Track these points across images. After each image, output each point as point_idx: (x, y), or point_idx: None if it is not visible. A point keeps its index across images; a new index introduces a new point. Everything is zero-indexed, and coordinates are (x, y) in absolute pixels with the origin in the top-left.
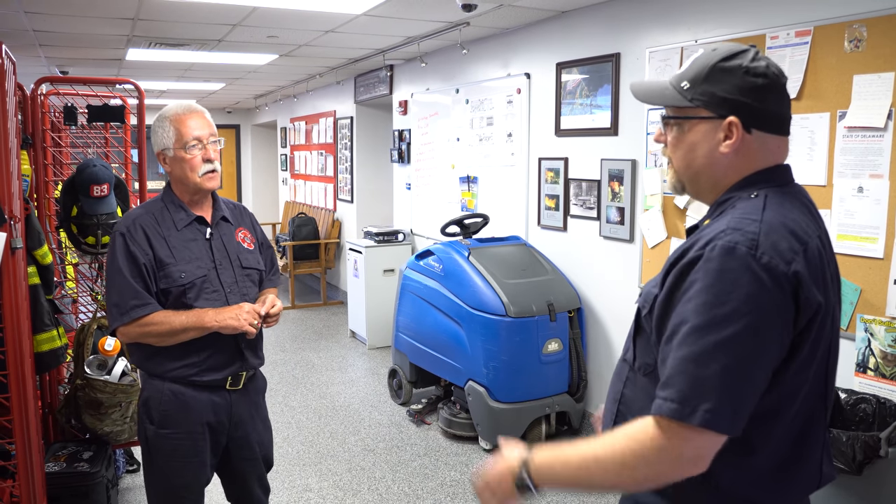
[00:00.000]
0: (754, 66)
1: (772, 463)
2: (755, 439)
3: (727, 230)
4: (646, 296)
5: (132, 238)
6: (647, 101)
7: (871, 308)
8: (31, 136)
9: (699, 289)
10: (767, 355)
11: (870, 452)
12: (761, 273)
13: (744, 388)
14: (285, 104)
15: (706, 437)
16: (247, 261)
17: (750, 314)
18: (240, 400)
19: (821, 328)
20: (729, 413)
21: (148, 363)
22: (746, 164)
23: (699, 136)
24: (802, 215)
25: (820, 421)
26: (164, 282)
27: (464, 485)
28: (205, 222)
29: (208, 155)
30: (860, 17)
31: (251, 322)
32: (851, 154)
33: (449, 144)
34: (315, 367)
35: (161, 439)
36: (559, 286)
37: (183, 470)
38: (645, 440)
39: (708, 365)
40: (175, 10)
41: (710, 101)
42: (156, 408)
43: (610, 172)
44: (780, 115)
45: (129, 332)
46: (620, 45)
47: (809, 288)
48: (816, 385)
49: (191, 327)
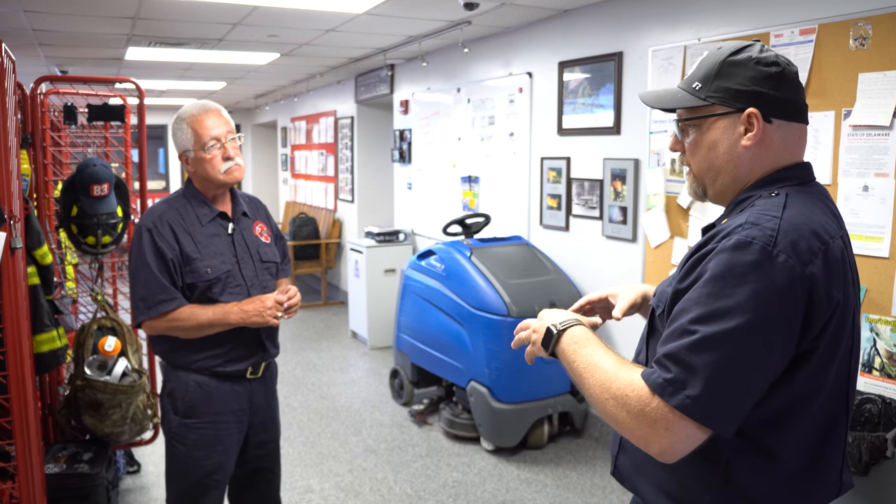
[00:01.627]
0: (763, 56)
1: (793, 469)
2: (773, 444)
3: (745, 224)
4: (660, 295)
5: (159, 234)
6: (659, 107)
7: (877, 308)
8: (31, 135)
9: (707, 279)
10: (765, 356)
11: (876, 453)
12: (774, 272)
13: (735, 384)
14: (286, 104)
15: (683, 425)
16: (266, 255)
17: (753, 311)
18: (259, 388)
19: (839, 329)
20: (711, 406)
21: (172, 355)
22: (769, 159)
23: (719, 133)
24: (825, 215)
25: (841, 425)
26: (191, 276)
27: (465, 486)
28: (227, 217)
29: (227, 153)
30: (865, 15)
31: (275, 315)
32: (856, 153)
33: (450, 144)
34: (316, 367)
35: (186, 429)
36: (561, 286)
37: (207, 459)
38: (634, 393)
39: (701, 355)
40: (175, 8)
41: (725, 97)
42: (181, 399)
43: (612, 172)
44: (797, 101)
45: (156, 325)
46: (623, 43)
47: (826, 289)
48: (837, 388)
49: (216, 323)
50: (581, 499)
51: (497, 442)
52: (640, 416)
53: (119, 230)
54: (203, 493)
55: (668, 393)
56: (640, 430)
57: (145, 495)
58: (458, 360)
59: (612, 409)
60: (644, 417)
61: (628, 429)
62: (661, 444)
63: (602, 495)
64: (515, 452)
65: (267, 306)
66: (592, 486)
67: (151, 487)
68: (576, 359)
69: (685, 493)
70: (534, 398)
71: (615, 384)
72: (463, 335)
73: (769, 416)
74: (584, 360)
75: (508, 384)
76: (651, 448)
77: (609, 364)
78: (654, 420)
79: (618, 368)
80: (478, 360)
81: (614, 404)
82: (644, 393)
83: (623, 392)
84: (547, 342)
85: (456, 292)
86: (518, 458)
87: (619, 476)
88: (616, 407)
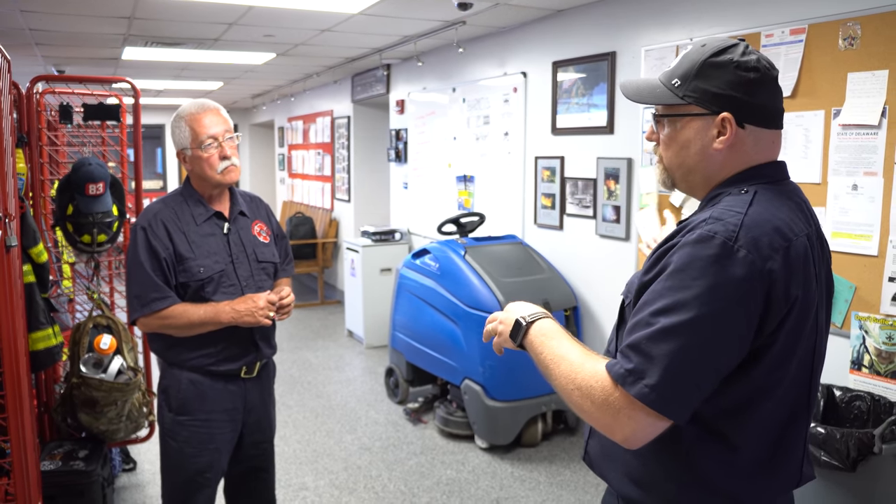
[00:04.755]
0: (745, 60)
1: (753, 459)
2: (732, 434)
3: (709, 219)
4: (629, 286)
5: (153, 233)
6: (638, 101)
7: (866, 305)
8: (27, 134)
9: (669, 272)
10: (723, 348)
11: (864, 449)
12: (733, 266)
13: (690, 374)
14: (282, 104)
15: (643, 414)
16: (262, 254)
17: (711, 303)
18: (254, 387)
19: (798, 326)
20: (668, 394)
21: (167, 353)
22: (740, 160)
23: (692, 133)
24: (792, 213)
25: (802, 420)
26: (184, 276)
27: (460, 483)
28: (223, 217)
29: (224, 152)
30: (854, 15)
31: (266, 315)
32: (846, 152)
33: (446, 143)
34: (312, 366)
35: (178, 426)
36: (555, 285)
37: (198, 457)
38: (598, 384)
39: (659, 345)
40: (171, 8)
41: (701, 98)
42: (174, 396)
43: (606, 171)
44: (772, 108)
45: (148, 323)
46: (616, 43)
47: (785, 286)
48: (799, 384)
49: (208, 321)
50: (574, 496)
51: (491, 440)
52: (604, 405)
53: (114, 229)
54: (195, 490)
55: (629, 382)
56: (604, 419)
57: (141, 493)
58: (452, 358)
59: (577, 398)
60: (608, 407)
61: (593, 417)
62: (623, 432)
63: (595, 493)
64: (509, 450)
65: (259, 306)
66: (586, 483)
67: (147, 485)
68: (543, 350)
69: (649, 478)
70: (527, 396)
71: (580, 375)
72: (457, 333)
73: (728, 407)
74: (552, 351)
75: (502, 382)
76: (615, 436)
77: (575, 355)
78: (616, 409)
79: (583, 360)
80: (472, 358)
81: (579, 394)
82: (607, 384)
83: (587, 383)
84: (515, 334)
85: (450, 291)
86: (512, 456)
87: (588, 461)
88: (581, 397)
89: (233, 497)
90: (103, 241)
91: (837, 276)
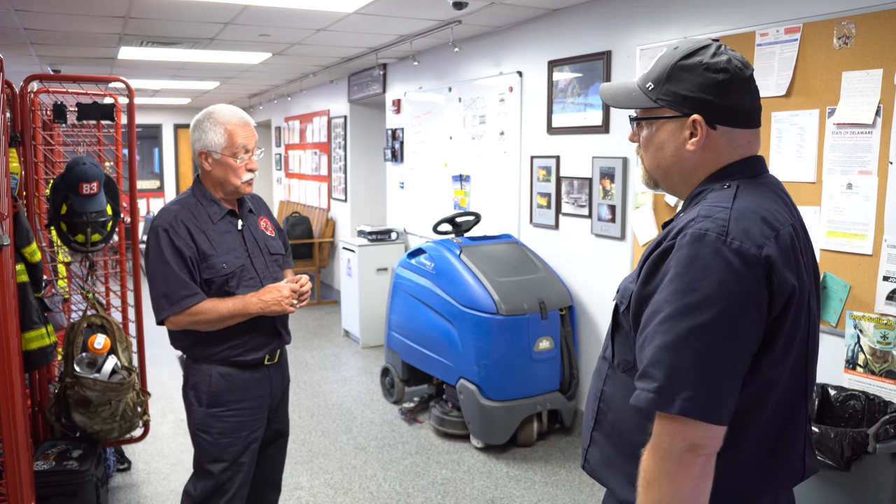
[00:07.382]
0: (714, 61)
1: (756, 454)
2: (735, 431)
3: (697, 218)
4: (623, 292)
5: (175, 233)
6: (614, 105)
7: (861, 304)
8: (21, 133)
9: (671, 277)
10: (743, 341)
11: (857, 448)
12: (732, 258)
13: (721, 374)
14: (279, 103)
15: (692, 427)
16: (273, 247)
17: (722, 300)
18: (276, 374)
19: (797, 314)
20: (708, 400)
21: (193, 349)
22: (715, 160)
23: (666, 136)
24: (775, 204)
25: (801, 412)
26: (208, 272)
27: (455, 483)
28: (235, 215)
29: (251, 165)
30: (849, 14)
31: (291, 303)
32: (840, 151)
33: (442, 143)
34: (308, 365)
35: (212, 419)
36: (551, 284)
37: (232, 446)
38: (647, 452)
39: (682, 353)
40: (166, 7)
41: (673, 101)
42: (205, 390)
43: (601, 170)
44: (744, 108)
45: (178, 321)
46: (611, 42)
47: (782, 272)
48: (796, 376)
49: (237, 313)
50: (569, 496)
51: (486, 439)
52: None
53: (108, 228)
54: (229, 479)
55: (664, 404)
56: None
57: (136, 492)
58: (447, 357)
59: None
60: (662, 450)
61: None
62: (696, 455)
63: (590, 492)
64: (505, 450)
65: (284, 295)
66: (581, 483)
67: (142, 485)
68: None
69: None
70: (523, 396)
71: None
72: (453, 333)
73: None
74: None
75: (498, 382)
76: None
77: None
78: (668, 442)
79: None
80: (467, 357)
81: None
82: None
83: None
84: None
85: (446, 290)
86: (507, 456)
87: (589, 469)
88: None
89: None
90: (97, 240)
91: (832, 276)
